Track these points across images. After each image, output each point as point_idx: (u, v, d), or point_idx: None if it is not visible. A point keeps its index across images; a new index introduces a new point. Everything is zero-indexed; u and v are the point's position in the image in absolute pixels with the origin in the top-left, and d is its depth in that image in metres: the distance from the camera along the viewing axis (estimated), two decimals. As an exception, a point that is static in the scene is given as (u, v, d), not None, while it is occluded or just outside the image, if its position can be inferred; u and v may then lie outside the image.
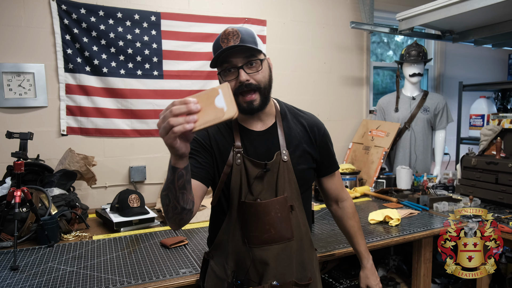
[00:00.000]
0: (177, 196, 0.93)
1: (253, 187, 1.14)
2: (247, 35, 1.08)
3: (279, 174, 1.15)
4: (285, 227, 1.15)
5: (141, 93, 2.53)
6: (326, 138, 1.28)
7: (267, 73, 1.13)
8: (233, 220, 1.17)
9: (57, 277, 1.38)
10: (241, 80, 1.07)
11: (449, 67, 3.86)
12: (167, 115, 0.78)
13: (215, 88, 0.82)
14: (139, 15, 2.48)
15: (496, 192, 2.31)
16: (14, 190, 1.66)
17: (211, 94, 0.81)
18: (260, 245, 1.14)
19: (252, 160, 1.15)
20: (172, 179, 0.90)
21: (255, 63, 1.09)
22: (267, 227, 1.13)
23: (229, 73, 1.09)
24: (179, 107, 0.77)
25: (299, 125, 1.24)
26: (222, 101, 0.81)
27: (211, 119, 0.79)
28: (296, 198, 1.19)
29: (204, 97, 0.81)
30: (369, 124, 3.18)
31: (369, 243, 1.71)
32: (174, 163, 0.87)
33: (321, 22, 3.15)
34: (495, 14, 2.53)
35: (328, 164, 1.30)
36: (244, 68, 1.07)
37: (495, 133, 2.53)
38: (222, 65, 1.10)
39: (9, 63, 2.21)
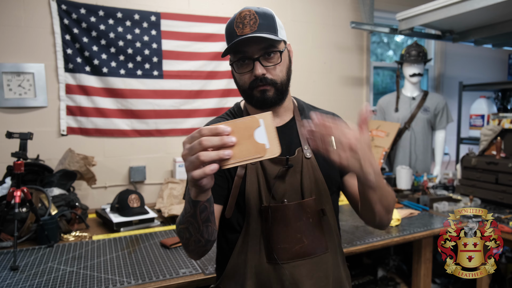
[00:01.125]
0: (200, 230, 0.83)
1: (275, 189, 0.96)
2: (265, 20, 0.92)
3: (303, 173, 0.98)
4: (319, 236, 0.97)
5: (141, 93, 2.53)
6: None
7: (285, 66, 0.98)
8: (252, 232, 0.97)
9: (57, 277, 1.38)
10: (256, 74, 0.93)
11: (449, 67, 3.86)
12: (196, 146, 0.67)
13: (255, 117, 0.69)
14: (139, 15, 2.48)
15: (496, 192, 2.30)
16: (14, 190, 1.66)
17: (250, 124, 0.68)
18: (291, 260, 0.94)
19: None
20: (194, 213, 0.80)
21: (274, 55, 0.94)
22: (299, 236, 0.94)
23: (243, 64, 0.95)
24: (210, 139, 0.66)
25: None
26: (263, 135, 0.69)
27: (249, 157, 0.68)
28: (326, 201, 1.01)
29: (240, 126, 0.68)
30: (369, 124, 3.18)
31: (369, 243, 1.71)
32: (196, 196, 0.77)
33: (321, 22, 3.15)
34: (495, 14, 2.53)
35: None
36: (260, 60, 0.93)
37: (495, 133, 2.53)
38: (235, 54, 0.96)
39: (9, 63, 2.21)
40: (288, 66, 1.00)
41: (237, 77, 0.99)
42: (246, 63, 0.95)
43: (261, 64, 0.93)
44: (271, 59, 0.94)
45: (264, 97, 0.96)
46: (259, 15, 0.92)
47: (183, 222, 0.85)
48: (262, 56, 0.93)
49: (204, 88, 2.71)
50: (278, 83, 0.96)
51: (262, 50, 0.92)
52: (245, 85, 0.97)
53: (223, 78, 2.76)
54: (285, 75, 0.98)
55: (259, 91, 0.95)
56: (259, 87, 0.95)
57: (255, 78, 0.94)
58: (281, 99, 1.00)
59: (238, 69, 0.97)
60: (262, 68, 0.93)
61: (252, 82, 0.95)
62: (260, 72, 0.92)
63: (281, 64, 0.96)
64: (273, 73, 0.95)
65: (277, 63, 0.95)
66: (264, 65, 0.94)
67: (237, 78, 0.99)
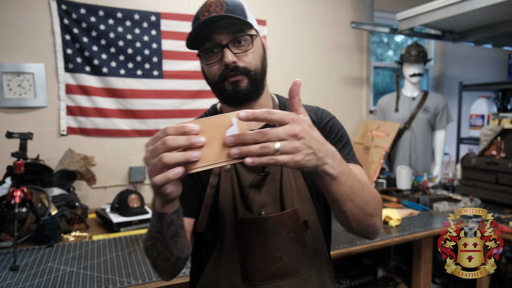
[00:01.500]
0: (169, 246, 0.74)
1: (251, 199, 0.86)
2: (234, 6, 0.83)
3: (283, 180, 0.88)
4: (301, 252, 0.85)
5: (141, 93, 2.53)
6: (333, 123, 0.95)
7: (259, 54, 0.87)
8: (226, 249, 0.86)
9: (57, 277, 1.38)
10: (225, 62, 0.81)
11: (449, 67, 3.86)
12: (159, 147, 0.58)
13: (227, 115, 0.61)
14: (139, 15, 2.48)
15: (496, 192, 2.30)
16: (14, 190, 1.66)
17: (221, 123, 0.60)
18: (268, 280, 0.83)
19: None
20: (160, 227, 0.71)
21: (244, 41, 0.84)
22: (278, 253, 0.83)
23: (212, 54, 0.84)
24: (176, 138, 0.58)
25: None
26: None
27: (219, 160, 0.59)
28: (309, 212, 0.89)
29: (211, 125, 0.60)
30: (369, 124, 3.18)
31: (369, 243, 1.71)
32: (161, 208, 0.69)
33: (321, 22, 3.15)
34: (495, 14, 2.53)
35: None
36: (229, 47, 0.82)
37: (495, 133, 2.53)
38: (203, 44, 0.84)
39: (9, 63, 2.21)
40: (262, 56, 0.88)
41: (206, 70, 0.87)
42: (215, 53, 0.84)
43: (231, 51, 0.82)
44: (242, 46, 0.84)
45: (236, 90, 0.83)
46: (227, 3, 0.83)
47: (150, 238, 0.75)
48: (231, 42, 0.82)
49: (204, 88, 2.71)
50: (252, 71, 0.84)
51: (231, 34, 0.82)
52: (215, 78, 0.85)
53: (223, 78, 2.76)
54: (259, 64, 0.86)
55: (230, 83, 0.83)
56: (230, 77, 0.83)
57: (226, 67, 0.82)
58: (257, 92, 0.86)
59: (206, 60, 0.85)
60: (233, 55, 0.82)
61: (223, 73, 0.83)
62: (231, 59, 0.81)
63: (253, 51, 0.85)
64: (245, 61, 0.83)
65: (249, 48, 0.84)
66: (234, 52, 0.82)
67: (205, 71, 0.88)
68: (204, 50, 0.84)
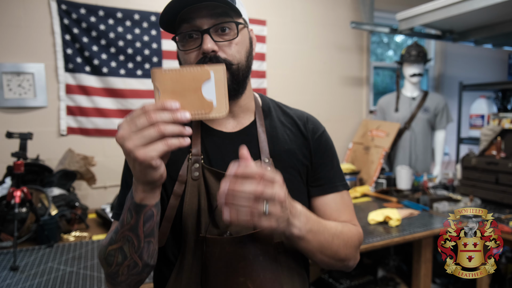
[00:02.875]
0: (140, 247, 0.65)
1: (218, 214, 0.74)
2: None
3: None
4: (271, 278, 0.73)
5: (141, 93, 2.53)
6: (324, 139, 0.87)
7: (244, 47, 0.76)
8: (187, 268, 0.75)
9: (57, 277, 1.38)
10: (204, 49, 0.71)
11: (449, 67, 3.86)
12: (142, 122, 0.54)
13: (205, 68, 0.59)
14: (139, 15, 2.48)
15: (496, 192, 2.30)
16: (14, 190, 1.66)
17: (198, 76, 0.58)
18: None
19: (217, 172, 0.75)
20: (135, 224, 0.63)
21: (229, 29, 0.73)
22: (242, 280, 0.71)
23: (190, 40, 0.74)
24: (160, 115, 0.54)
25: (289, 124, 0.86)
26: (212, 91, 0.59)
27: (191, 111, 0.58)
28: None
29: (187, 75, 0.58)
30: (369, 124, 3.18)
31: (369, 243, 1.71)
32: (142, 199, 0.62)
33: (321, 22, 3.15)
34: (495, 14, 2.53)
35: (329, 178, 0.85)
36: (210, 33, 0.72)
37: (495, 133, 2.53)
38: (180, 25, 0.74)
39: (9, 63, 2.21)
40: (248, 50, 0.77)
41: (182, 57, 0.77)
42: (194, 38, 0.73)
43: (212, 38, 0.72)
44: (225, 35, 0.73)
45: None
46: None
47: (116, 241, 0.66)
48: (213, 27, 0.72)
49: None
50: (234, 65, 0.74)
51: (213, 18, 0.72)
52: None
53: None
54: (244, 59, 0.76)
55: None
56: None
57: (203, 56, 0.72)
58: (237, 90, 0.76)
59: (182, 46, 0.75)
60: (213, 43, 0.71)
61: (200, 62, 0.72)
62: (210, 47, 0.71)
63: (238, 42, 0.74)
64: (228, 52, 0.73)
65: (233, 38, 0.73)
66: (215, 40, 0.72)
67: (181, 58, 0.77)
68: (182, 34, 0.74)
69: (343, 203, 0.84)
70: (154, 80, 0.59)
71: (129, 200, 0.64)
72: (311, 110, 1.38)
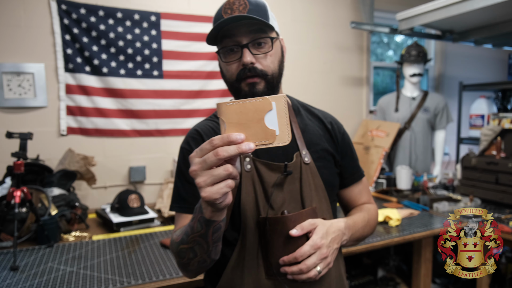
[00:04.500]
0: (209, 250, 0.76)
1: (273, 199, 0.88)
2: (257, 6, 0.85)
3: (302, 179, 0.90)
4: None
5: (141, 93, 2.53)
6: (347, 137, 1.04)
7: (277, 57, 0.90)
8: (249, 246, 0.87)
9: (57, 277, 1.38)
10: (244, 61, 0.84)
11: (449, 67, 3.86)
12: (211, 158, 0.60)
13: (267, 98, 0.62)
14: (139, 15, 2.48)
15: (496, 192, 2.30)
16: (14, 190, 1.66)
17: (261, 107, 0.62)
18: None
19: (267, 163, 0.89)
20: (205, 233, 0.72)
21: (265, 43, 0.86)
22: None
23: (231, 53, 0.87)
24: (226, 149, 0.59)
25: (316, 121, 1.01)
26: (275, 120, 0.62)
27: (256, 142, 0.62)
28: (326, 210, 0.93)
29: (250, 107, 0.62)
30: (369, 124, 3.18)
31: (369, 243, 1.71)
32: (210, 216, 0.69)
33: (321, 22, 3.15)
34: (495, 14, 2.53)
35: (352, 170, 1.03)
36: (249, 47, 0.85)
37: (495, 133, 2.53)
38: (222, 41, 0.87)
39: (9, 63, 2.21)
40: (280, 59, 0.91)
41: (224, 68, 0.90)
42: (234, 51, 0.86)
43: (250, 51, 0.85)
44: (261, 48, 0.86)
45: (253, 92, 0.86)
46: (250, 2, 0.85)
47: (187, 242, 0.76)
48: (252, 43, 0.85)
49: (204, 88, 2.71)
50: (269, 75, 0.87)
51: (251, 34, 0.84)
52: (232, 77, 0.88)
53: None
54: (277, 68, 0.89)
55: (247, 84, 0.86)
56: (248, 78, 0.86)
57: (243, 67, 0.85)
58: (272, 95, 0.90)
59: (224, 58, 0.88)
60: (251, 56, 0.85)
61: (240, 73, 0.86)
62: (249, 59, 0.84)
63: (272, 54, 0.87)
64: (263, 63, 0.86)
65: (268, 51, 0.86)
66: (253, 53, 0.85)
67: (223, 69, 0.91)
68: (224, 48, 0.87)
69: (363, 188, 1.05)
70: (219, 114, 0.62)
71: (198, 213, 0.71)
72: (311, 110, 1.37)
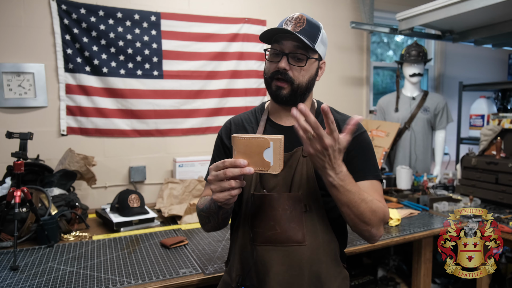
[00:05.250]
0: (219, 221, 1.05)
1: (266, 181, 1.06)
2: (311, 28, 1.03)
3: (296, 169, 1.04)
4: (295, 227, 1.02)
5: (141, 93, 2.53)
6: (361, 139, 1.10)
7: (309, 74, 1.06)
8: (243, 215, 1.09)
9: (57, 277, 1.38)
10: (279, 65, 1.02)
11: (449, 67, 3.86)
12: (221, 176, 0.86)
13: (267, 139, 0.86)
14: (139, 15, 2.48)
15: (496, 192, 2.30)
16: (14, 190, 1.66)
17: (262, 144, 0.86)
18: (263, 243, 1.03)
19: None
20: (216, 212, 1.00)
21: (302, 59, 1.03)
22: (272, 224, 1.02)
23: (275, 56, 1.06)
24: (232, 171, 0.86)
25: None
26: (270, 155, 0.86)
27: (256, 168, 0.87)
28: (314, 199, 1.04)
29: (254, 143, 0.86)
30: (369, 124, 3.18)
31: (369, 243, 1.71)
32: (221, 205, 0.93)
33: (321, 22, 3.14)
34: (495, 14, 2.53)
35: (361, 169, 1.07)
36: (288, 57, 1.03)
37: (495, 133, 2.53)
38: (273, 44, 1.07)
39: (9, 63, 2.21)
40: (311, 76, 1.07)
41: (266, 63, 1.10)
42: (277, 55, 1.05)
43: (288, 61, 1.02)
44: (298, 61, 1.03)
45: (278, 93, 1.05)
46: (308, 22, 1.03)
47: (205, 211, 1.04)
48: (291, 54, 1.02)
49: (204, 88, 2.71)
50: (295, 83, 1.04)
51: (294, 48, 1.02)
52: (268, 73, 1.07)
53: (223, 78, 2.76)
54: (305, 81, 1.06)
55: (276, 86, 1.05)
56: (278, 80, 1.04)
57: (277, 70, 1.03)
58: (295, 100, 1.05)
59: (269, 57, 1.07)
60: (287, 63, 1.02)
61: (274, 72, 1.05)
62: (284, 65, 1.02)
63: (305, 69, 1.04)
64: (294, 73, 1.03)
65: (302, 66, 1.03)
66: (290, 63, 1.02)
67: (266, 64, 1.10)
68: (272, 49, 1.06)
69: (372, 188, 1.06)
70: (233, 144, 0.88)
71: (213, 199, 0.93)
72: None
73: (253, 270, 1.05)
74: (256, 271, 1.04)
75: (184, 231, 1.93)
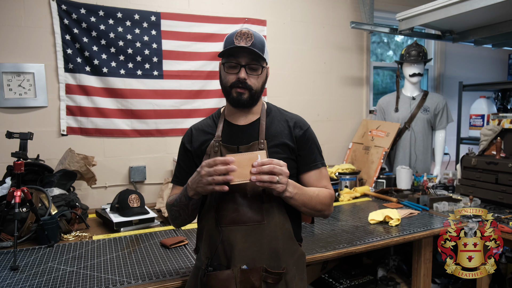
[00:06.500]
0: (189, 214, 1.19)
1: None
2: (258, 41, 1.19)
3: None
4: (254, 209, 1.17)
5: (141, 93, 2.53)
6: (308, 134, 1.29)
7: (262, 80, 1.24)
8: (208, 203, 1.23)
9: (57, 277, 1.38)
10: (239, 76, 1.18)
11: (449, 67, 3.86)
12: (212, 172, 1.04)
13: (256, 153, 1.07)
14: (139, 15, 2.48)
15: (496, 192, 2.31)
16: (14, 190, 1.66)
17: (252, 157, 1.06)
18: (228, 225, 1.16)
19: (226, 146, 1.23)
20: (186, 204, 1.15)
21: (256, 68, 1.19)
22: (235, 207, 1.17)
23: (232, 68, 1.20)
24: (220, 168, 1.04)
25: (282, 121, 1.30)
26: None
27: (246, 178, 1.05)
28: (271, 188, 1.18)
29: (245, 157, 1.07)
30: (369, 124, 3.18)
31: (369, 243, 1.71)
32: (192, 195, 1.12)
33: (321, 22, 3.15)
34: (495, 14, 2.53)
35: (307, 161, 1.28)
36: (246, 68, 1.18)
37: (495, 133, 2.53)
38: (228, 58, 1.19)
39: (9, 63, 2.21)
40: (264, 81, 1.26)
41: (223, 75, 1.23)
42: (234, 67, 1.19)
43: (246, 71, 1.18)
44: (254, 71, 1.20)
45: (239, 98, 1.20)
46: (255, 37, 1.19)
47: (175, 205, 1.20)
48: (248, 65, 1.18)
49: (204, 88, 2.71)
50: (253, 90, 1.21)
51: (249, 59, 1.18)
52: (227, 83, 1.21)
53: (223, 78, 2.76)
54: (260, 87, 1.24)
55: (236, 92, 1.20)
56: (238, 88, 1.20)
57: (238, 80, 1.19)
58: (252, 103, 1.24)
59: (227, 69, 1.21)
60: (246, 74, 1.19)
61: (234, 82, 1.19)
62: (243, 76, 1.18)
63: (259, 77, 1.22)
64: (252, 81, 1.20)
65: (258, 74, 1.21)
66: (247, 73, 1.19)
67: (223, 76, 1.24)
68: (228, 63, 1.20)
69: (321, 175, 1.30)
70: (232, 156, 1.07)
71: (185, 191, 1.15)
72: (311, 110, 1.38)
73: (220, 249, 1.17)
74: (224, 250, 1.17)
75: (184, 231, 1.93)
